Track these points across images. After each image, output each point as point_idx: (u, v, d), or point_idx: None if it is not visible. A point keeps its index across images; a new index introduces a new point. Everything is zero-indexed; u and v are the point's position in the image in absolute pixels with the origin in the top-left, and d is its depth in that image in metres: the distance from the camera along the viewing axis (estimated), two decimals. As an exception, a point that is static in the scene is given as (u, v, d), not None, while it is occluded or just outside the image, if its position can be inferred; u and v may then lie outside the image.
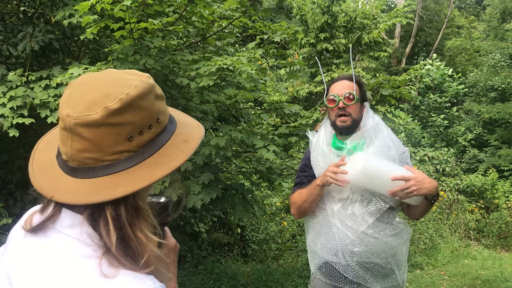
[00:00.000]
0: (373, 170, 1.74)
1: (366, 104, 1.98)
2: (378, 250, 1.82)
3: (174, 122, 0.79)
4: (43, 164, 0.76)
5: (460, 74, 12.81)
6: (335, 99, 1.91)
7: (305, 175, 2.01)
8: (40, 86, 3.07)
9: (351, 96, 1.88)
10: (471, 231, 7.12)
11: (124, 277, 0.67)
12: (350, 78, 1.95)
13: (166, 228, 0.93)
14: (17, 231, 0.79)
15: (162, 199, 0.89)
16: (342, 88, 1.92)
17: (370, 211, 1.83)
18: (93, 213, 0.70)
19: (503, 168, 9.65)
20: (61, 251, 0.69)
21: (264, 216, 5.50)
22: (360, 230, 1.81)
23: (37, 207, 0.78)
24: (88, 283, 0.66)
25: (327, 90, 2.00)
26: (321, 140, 1.98)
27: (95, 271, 0.66)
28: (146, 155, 0.71)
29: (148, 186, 0.71)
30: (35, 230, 0.73)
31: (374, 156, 1.81)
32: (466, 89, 12.55)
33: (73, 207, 0.71)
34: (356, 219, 1.83)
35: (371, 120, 1.92)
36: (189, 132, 0.79)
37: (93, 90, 0.70)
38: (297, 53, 9.74)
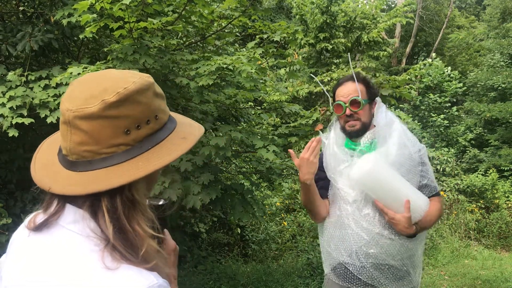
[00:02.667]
0: (378, 177, 1.72)
1: (378, 99, 1.93)
2: (394, 252, 1.78)
3: (174, 122, 0.81)
4: (45, 162, 0.78)
5: (457, 72, 12.78)
6: (341, 106, 1.87)
7: (317, 178, 1.92)
8: (39, 86, 3.07)
9: (357, 101, 1.83)
10: (471, 231, 7.11)
11: (126, 272, 0.67)
12: (354, 79, 1.90)
13: (166, 230, 0.94)
14: (19, 234, 0.81)
15: (161, 202, 0.91)
16: (347, 93, 1.87)
17: None
18: (92, 205, 0.71)
19: (503, 168, 9.64)
20: (65, 247, 0.70)
21: (264, 217, 5.49)
22: (375, 231, 1.78)
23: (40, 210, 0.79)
24: (91, 276, 0.66)
25: (333, 94, 1.96)
26: (332, 141, 1.94)
27: (98, 264, 0.67)
28: (143, 149, 0.73)
29: (146, 180, 0.74)
30: (39, 227, 0.74)
31: (385, 164, 1.75)
32: (465, 88, 12.54)
33: (75, 202, 0.72)
34: (371, 220, 1.79)
35: (384, 116, 1.87)
36: (188, 131, 0.81)
37: (92, 86, 0.72)
38: (297, 53, 9.73)
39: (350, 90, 1.87)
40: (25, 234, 0.77)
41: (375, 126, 1.89)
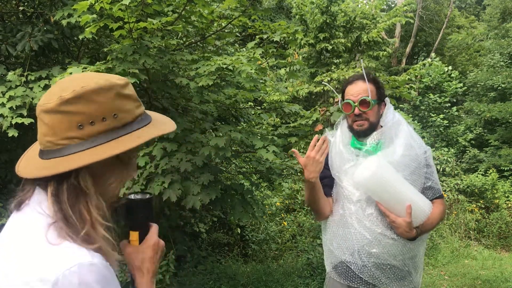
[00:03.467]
0: (381, 180, 1.71)
1: (387, 100, 1.92)
2: (396, 252, 1.78)
3: (144, 122, 0.88)
4: (31, 154, 0.89)
5: (457, 73, 12.79)
6: (350, 104, 1.86)
7: (322, 175, 1.91)
8: (39, 86, 3.07)
9: (367, 101, 1.82)
10: (471, 231, 7.11)
11: (65, 248, 0.76)
12: (364, 78, 1.88)
13: (154, 225, 1.01)
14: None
15: (147, 196, 0.99)
16: (357, 92, 1.85)
17: None
18: (45, 188, 0.82)
19: (503, 168, 9.64)
20: (27, 223, 0.81)
21: (264, 217, 5.49)
22: (378, 231, 1.78)
23: None
24: (35, 249, 0.77)
25: (342, 92, 1.94)
26: (338, 139, 1.93)
27: (43, 238, 0.77)
28: (94, 143, 0.80)
29: (90, 171, 0.81)
30: (16, 207, 0.86)
31: (389, 167, 1.75)
32: (465, 87, 12.54)
33: (41, 185, 0.83)
34: (374, 219, 1.80)
35: (391, 117, 1.87)
36: (150, 131, 0.88)
37: (61, 85, 0.82)
38: (297, 53, 9.73)
39: (360, 90, 1.86)
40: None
41: (381, 126, 1.89)
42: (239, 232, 5.78)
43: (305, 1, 9.00)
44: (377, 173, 1.72)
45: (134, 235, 0.97)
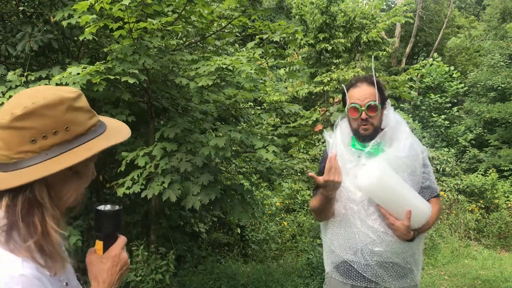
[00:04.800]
0: (384, 185, 1.73)
1: (388, 102, 1.92)
2: (399, 250, 1.80)
3: (97, 133, 0.91)
4: None
5: (459, 73, 12.79)
6: (357, 108, 1.84)
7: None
8: (39, 86, 3.06)
9: (374, 106, 1.82)
10: (471, 231, 7.12)
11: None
12: (369, 82, 1.87)
13: (122, 238, 1.03)
14: None
15: (116, 207, 1.02)
16: (363, 96, 1.84)
17: None
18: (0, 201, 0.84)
19: (503, 168, 9.65)
20: None
21: (264, 217, 5.50)
22: (381, 229, 1.79)
23: None
24: None
25: (345, 95, 1.93)
26: (338, 140, 1.93)
27: None
28: (48, 156, 0.84)
29: (46, 184, 0.84)
30: None
31: (391, 171, 1.76)
32: (466, 88, 12.54)
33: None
34: (377, 218, 1.81)
35: (392, 118, 1.87)
36: (101, 142, 0.91)
37: (15, 100, 0.86)
38: (296, 53, 9.73)
39: (366, 94, 1.84)
40: None
41: (382, 129, 1.90)
42: (239, 232, 5.78)
43: (305, 1, 9.01)
44: (380, 178, 1.73)
45: (98, 244, 1.00)
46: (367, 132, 1.86)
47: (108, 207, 1.02)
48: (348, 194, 1.87)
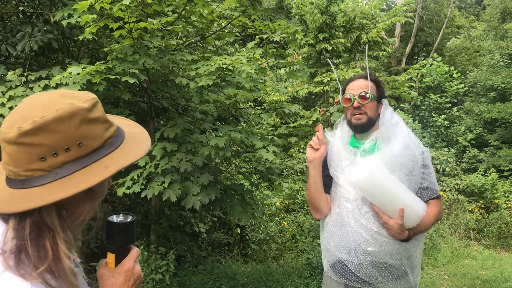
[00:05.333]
0: (376, 182, 1.73)
1: (385, 101, 1.96)
2: (392, 251, 1.80)
3: (114, 145, 0.83)
4: None
5: (459, 74, 12.80)
6: (350, 98, 1.92)
7: (323, 174, 2.00)
8: (39, 86, 3.07)
9: (366, 95, 1.89)
10: (471, 231, 7.12)
11: (4, 278, 0.74)
12: (366, 77, 1.95)
13: (135, 250, 0.97)
14: None
15: (129, 218, 0.95)
16: (357, 87, 1.93)
17: None
18: (7, 221, 0.78)
19: (503, 168, 9.65)
20: None
21: (264, 217, 5.49)
22: (375, 229, 1.80)
23: None
24: None
25: (343, 90, 2.01)
26: (337, 139, 1.97)
27: None
28: (58, 176, 0.76)
29: (56, 206, 0.76)
30: None
31: (385, 169, 1.77)
32: (466, 88, 12.55)
33: (4, 217, 0.79)
34: (371, 218, 1.82)
35: (390, 118, 1.90)
36: (120, 159, 0.82)
37: (21, 111, 0.77)
38: (296, 53, 9.73)
39: (360, 85, 1.94)
40: None
41: (379, 127, 1.91)
42: (239, 232, 5.78)
43: (304, 1, 9.01)
44: (372, 175, 1.73)
45: (110, 257, 0.94)
46: (359, 122, 1.90)
47: (120, 217, 0.95)
48: (343, 192, 1.89)
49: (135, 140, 0.88)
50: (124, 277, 0.92)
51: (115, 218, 0.95)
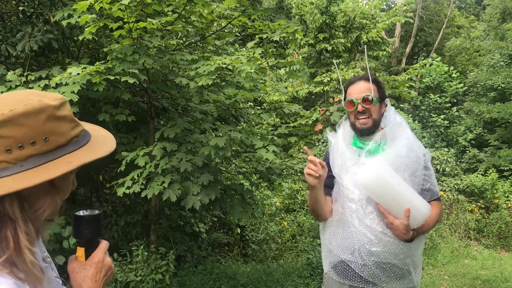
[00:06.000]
0: (383, 183, 1.73)
1: (387, 101, 1.96)
2: (397, 251, 1.79)
3: (79, 144, 0.86)
4: None
5: (458, 73, 12.80)
6: (353, 102, 1.90)
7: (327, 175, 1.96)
8: (39, 86, 3.07)
9: (370, 98, 1.86)
10: (471, 231, 7.12)
11: None
12: (366, 78, 1.92)
13: (104, 242, 0.99)
14: None
15: (96, 212, 0.98)
16: (359, 91, 1.90)
17: None
18: None
19: (503, 168, 9.65)
20: None
21: (264, 217, 5.49)
22: (379, 229, 1.79)
23: None
24: None
25: (345, 93, 1.97)
26: (340, 139, 1.96)
27: None
28: (23, 168, 0.79)
29: (18, 197, 0.79)
30: None
31: (391, 169, 1.77)
32: (466, 87, 12.55)
33: None
34: (375, 218, 1.81)
35: (393, 119, 1.89)
36: (83, 155, 0.85)
37: None
38: (296, 53, 9.74)
39: (363, 88, 1.90)
40: None
41: (383, 128, 1.91)
42: (239, 232, 5.78)
43: (304, 1, 9.01)
44: (379, 175, 1.73)
45: (80, 251, 0.97)
46: (365, 126, 1.88)
47: (87, 212, 0.98)
48: (347, 192, 1.87)
49: (100, 142, 0.92)
50: (95, 268, 0.95)
51: (82, 212, 0.98)
